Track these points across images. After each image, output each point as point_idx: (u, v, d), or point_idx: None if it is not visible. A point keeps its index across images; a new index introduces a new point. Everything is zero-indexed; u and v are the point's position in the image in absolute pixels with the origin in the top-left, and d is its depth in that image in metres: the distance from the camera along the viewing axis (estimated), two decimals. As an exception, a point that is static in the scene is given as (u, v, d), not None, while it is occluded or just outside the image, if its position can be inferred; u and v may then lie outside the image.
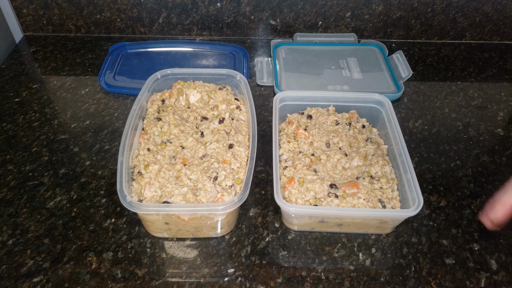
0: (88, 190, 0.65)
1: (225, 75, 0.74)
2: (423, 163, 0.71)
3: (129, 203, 0.52)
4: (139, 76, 0.88)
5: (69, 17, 0.98)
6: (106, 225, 0.60)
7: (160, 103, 0.71)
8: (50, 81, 0.87)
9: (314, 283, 0.54)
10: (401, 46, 0.99)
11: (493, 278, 0.55)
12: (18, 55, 0.95)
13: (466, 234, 0.61)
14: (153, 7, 0.96)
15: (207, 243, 0.59)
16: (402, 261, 0.57)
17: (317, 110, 0.71)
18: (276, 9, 0.96)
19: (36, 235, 0.59)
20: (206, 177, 0.58)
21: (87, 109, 0.81)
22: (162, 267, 0.56)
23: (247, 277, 0.55)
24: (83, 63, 0.93)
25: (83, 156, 0.71)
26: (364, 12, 0.96)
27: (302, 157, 0.63)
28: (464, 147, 0.74)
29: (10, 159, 0.70)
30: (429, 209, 0.64)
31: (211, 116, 0.69)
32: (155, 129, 0.65)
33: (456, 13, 0.96)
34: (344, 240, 0.59)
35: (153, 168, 0.59)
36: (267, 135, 0.75)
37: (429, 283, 0.55)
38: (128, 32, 1.01)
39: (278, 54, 0.93)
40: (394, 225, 0.59)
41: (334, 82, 0.85)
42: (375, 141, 0.67)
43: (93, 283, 0.54)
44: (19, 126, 0.76)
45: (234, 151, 0.62)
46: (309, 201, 0.57)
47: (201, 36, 1.02)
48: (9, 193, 0.65)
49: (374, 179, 0.60)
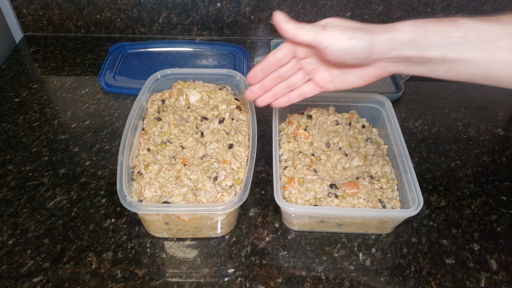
0: (88, 190, 0.65)
1: (225, 75, 0.74)
2: (423, 163, 0.71)
3: (129, 203, 0.52)
4: (139, 76, 0.88)
5: (69, 17, 0.98)
6: (106, 225, 0.60)
7: (160, 103, 0.71)
8: (50, 81, 0.87)
9: (314, 283, 0.54)
10: (401, 46, 0.99)
11: (493, 278, 0.55)
12: (18, 55, 0.95)
13: (466, 234, 0.61)
14: (153, 7, 0.96)
15: (207, 243, 0.59)
16: (402, 261, 0.57)
17: (317, 110, 0.71)
18: (276, 9, 0.95)
19: (36, 235, 0.59)
20: (206, 177, 0.58)
21: (87, 109, 0.81)
22: (162, 267, 0.56)
23: (247, 277, 0.55)
24: (83, 63, 0.93)
25: (83, 156, 0.71)
26: (364, 12, 0.96)
27: (302, 157, 0.63)
28: (464, 147, 0.74)
29: (10, 159, 0.70)
30: (429, 209, 0.64)
31: (211, 116, 0.69)
32: (155, 129, 0.65)
33: (456, 13, 0.95)
34: (344, 240, 0.59)
35: (153, 168, 0.59)
36: (267, 135, 0.75)
37: (429, 283, 0.55)
38: (128, 32, 1.01)
39: (278, 54, 0.93)
40: (394, 225, 0.59)
41: (334, 82, 0.85)
42: (375, 141, 0.67)
43: (93, 283, 0.54)
44: (19, 126, 0.76)
45: (234, 151, 0.62)
46: (309, 201, 0.57)
47: (201, 36, 1.02)
48: (9, 193, 0.65)
49: (374, 179, 0.60)
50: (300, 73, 0.54)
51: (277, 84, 0.55)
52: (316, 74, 0.53)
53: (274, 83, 0.55)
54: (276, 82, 0.55)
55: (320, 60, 0.51)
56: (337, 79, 0.53)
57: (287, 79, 0.54)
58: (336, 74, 0.52)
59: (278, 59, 0.52)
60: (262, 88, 0.55)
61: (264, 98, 0.56)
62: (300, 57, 0.52)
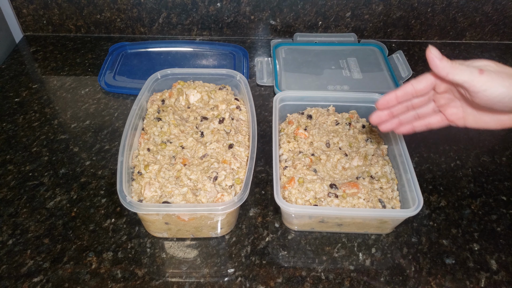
0: (88, 190, 0.65)
1: (225, 75, 0.74)
2: (423, 163, 0.71)
3: (129, 203, 0.52)
4: (139, 76, 0.88)
5: (69, 17, 0.98)
6: (106, 225, 0.60)
7: (160, 103, 0.71)
8: (50, 81, 0.87)
9: (314, 283, 0.54)
10: (401, 46, 0.99)
11: (493, 278, 0.55)
12: (18, 55, 0.95)
13: (466, 234, 0.61)
14: (153, 7, 0.96)
15: (207, 243, 0.59)
16: (402, 261, 0.57)
17: (317, 110, 0.71)
18: (276, 9, 0.96)
19: (36, 235, 0.59)
20: (206, 177, 0.58)
21: (87, 109, 0.81)
22: (162, 267, 0.56)
23: (247, 277, 0.55)
24: (83, 63, 0.93)
25: (83, 156, 0.71)
26: (364, 12, 0.96)
27: (302, 157, 0.63)
28: (464, 147, 0.74)
29: (10, 159, 0.70)
30: (429, 209, 0.64)
31: (211, 116, 0.69)
32: (155, 129, 0.65)
33: (456, 13, 0.96)
34: (344, 240, 0.59)
35: (153, 168, 0.59)
36: (267, 135, 0.75)
37: (429, 283, 0.55)
38: (128, 32, 1.01)
39: (278, 54, 0.93)
40: (394, 225, 0.59)
41: (334, 82, 0.85)
42: (375, 141, 0.67)
43: (93, 283, 0.54)
44: (19, 126, 0.76)
45: (234, 151, 0.62)
46: (309, 201, 0.57)
47: (201, 36, 1.02)
48: (9, 193, 0.65)
49: (374, 179, 0.60)
50: (431, 105, 0.52)
51: (406, 111, 0.53)
52: (448, 108, 0.51)
53: (403, 111, 0.53)
54: (406, 110, 0.53)
55: (461, 98, 0.49)
56: (471, 117, 0.49)
57: (416, 109, 0.53)
58: (470, 112, 0.49)
59: (416, 91, 0.49)
60: (391, 114, 0.53)
61: (390, 124, 0.54)
62: (439, 92, 0.49)
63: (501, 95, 0.43)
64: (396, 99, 0.51)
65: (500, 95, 0.43)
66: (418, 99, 0.51)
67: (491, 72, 0.43)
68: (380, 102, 0.51)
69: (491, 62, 0.45)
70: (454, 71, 0.43)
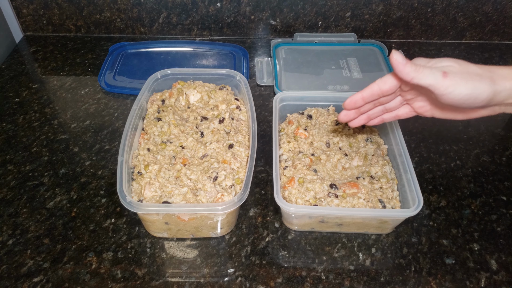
0: (88, 190, 0.65)
1: (225, 75, 0.74)
2: (423, 163, 0.71)
3: (129, 203, 0.52)
4: (139, 76, 0.88)
5: (69, 17, 0.98)
6: (106, 225, 0.60)
7: (160, 103, 0.71)
8: (50, 81, 0.87)
9: (314, 283, 0.54)
10: (401, 46, 0.99)
11: (493, 278, 0.55)
12: (18, 55, 0.95)
13: (466, 234, 0.61)
14: (153, 7, 0.96)
15: (207, 243, 0.59)
16: (402, 261, 0.57)
17: (317, 110, 0.71)
18: (276, 9, 0.96)
19: (36, 235, 0.59)
20: (206, 177, 0.58)
21: (87, 109, 0.81)
22: (162, 267, 0.56)
23: (247, 277, 0.55)
24: (83, 63, 0.93)
25: (83, 156, 0.71)
26: (364, 12, 0.96)
27: (302, 157, 0.63)
28: (464, 147, 0.74)
29: (10, 159, 0.70)
30: (429, 209, 0.64)
31: (211, 116, 0.69)
32: (155, 129, 0.65)
33: (456, 13, 0.96)
34: (344, 240, 0.59)
35: (153, 168, 0.59)
36: (267, 135, 0.75)
37: (429, 283, 0.55)
38: (128, 32, 1.01)
39: (278, 54, 0.93)
40: (394, 225, 0.59)
41: (334, 82, 0.85)
42: (375, 141, 0.67)
43: (93, 283, 0.54)
44: (19, 126, 0.76)
45: (234, 151, 0.62)
46: (309, 201, 0.57)
47: (201, 36, 1.02)
48: (9, 193, 0.65)
49: (374, 179, 0.60)
50: (398, 99, 0.53)
51: (373, 108, 0.54)
52: (415, 102, 0.52)
53: (370, 108, 0.54)
54: (373, 107, 0.54)
55: (427, 95, 0.50)
56: (438, 110, 0.51)
57: (384, 104, 0.54)
58: (437, 105, 0.51)
59: (383, 91, 0.50)
60: (358, 112, 0.54)
61: (358, 120, 0.55)
62: (405, 90, 0.51)
63: (465, 96, 0.43)
64: (362, 100, 0.52)
65: (464, 97, 0.44)
66: (385, 98, 0.52)
67: (455, 74, 0.44)
68: (346, 103, 0.52)
69: (454, 62, 0.45)
70: (418, 75, 0.44)
